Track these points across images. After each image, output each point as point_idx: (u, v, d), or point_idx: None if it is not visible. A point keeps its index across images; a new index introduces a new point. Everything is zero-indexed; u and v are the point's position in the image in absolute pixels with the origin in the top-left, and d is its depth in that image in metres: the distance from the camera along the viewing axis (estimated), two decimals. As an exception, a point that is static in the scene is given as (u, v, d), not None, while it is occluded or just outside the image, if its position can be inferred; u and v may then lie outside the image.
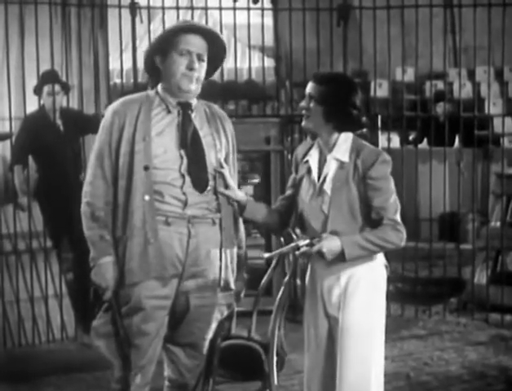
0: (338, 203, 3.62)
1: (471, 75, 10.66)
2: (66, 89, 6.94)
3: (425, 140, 9.50)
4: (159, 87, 3.77)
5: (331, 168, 3.67)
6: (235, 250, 3.83)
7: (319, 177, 3.70)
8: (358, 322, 3.65)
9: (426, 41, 6.98)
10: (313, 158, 3.75)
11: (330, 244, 3.54)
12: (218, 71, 4.04)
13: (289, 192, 3.88)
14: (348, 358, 3.63)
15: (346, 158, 3.65)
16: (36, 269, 6.43)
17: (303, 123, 3.76)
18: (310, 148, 3.80)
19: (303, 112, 3.73)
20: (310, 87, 3.70)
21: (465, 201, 7.59)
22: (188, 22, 3.87)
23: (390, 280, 3.81)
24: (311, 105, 3.68)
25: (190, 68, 3.66)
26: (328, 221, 3.63)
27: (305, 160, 3.78)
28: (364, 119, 3.73)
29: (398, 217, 3.62)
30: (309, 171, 3.75)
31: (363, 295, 3.66)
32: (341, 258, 3.56)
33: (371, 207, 3.61)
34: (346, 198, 3.62)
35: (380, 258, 3.74)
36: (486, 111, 9.94)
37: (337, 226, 3.61)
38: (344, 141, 3.69)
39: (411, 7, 6.99)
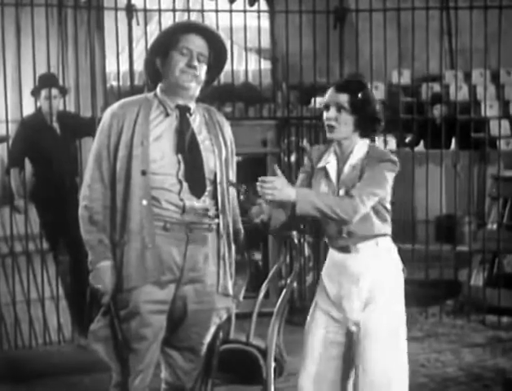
0: None
1: (467, 77, 10.66)
2: (63, 93, 6.94)
3: (422, 142, 9.53)
4: (158, 89, 3.75)
5: (347, 174, 3.68)
6: (233, 255, 3.82)
7: (337, 184, 3.70)
8: (381, 325, 3.67)
9: (423, 44, 6.99)
10: (331, 165, 3.71)
11: (284, 187, 3.46)
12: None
13: None
14: (370, 361, 3.65)
15: (358, 162, 3.65)
16: (32, 271, 6.42)
17: (331, 134, 3.67)
18: (324, 152, 3.78)
19: (332, 122, 3.65)
20: (338, 97, 3.64)
21: (462, 203, 7.60)
22: (188, 21, 3.85)
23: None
24: (341, 115, 3.63)
25: (189, 65, 3.63)
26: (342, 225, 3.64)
27: (320, 166, 3.75)
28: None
29: (365, 198, 3.55)
30: (327, 177, 3.72)
31: (384, 298, 3.69)
32: (290, 207, 3.51)
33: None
34: None
35: (398, 262, 3.78)
36: (482, 113, 9.97)
37: (351, 227, 3.63)
38: (360, 147, 3.68)
39: (407, 10, 6.99)
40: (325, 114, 3.68)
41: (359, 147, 3.68)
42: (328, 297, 3.76)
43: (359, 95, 3.63)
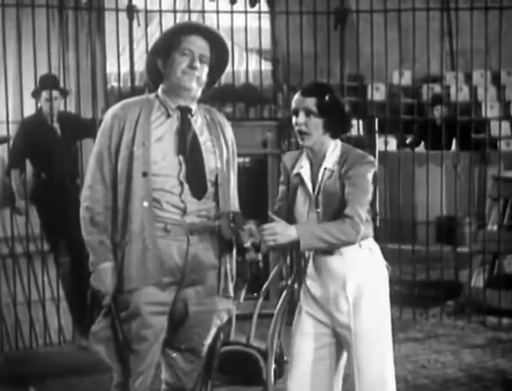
0: (331, 214, 3.62)
1: (468, 78, 10.68)
2: (64, 94, 6.94)
3: (423, 143, 9.52)
4: (159, 90, 3.74)
5: (323, 178, 3.67)
6: (234, 257, 3.82)
7: (313, 189, 3.70)
8: (371, 326, 3.67)
9: (423, 45, 6.99)
10: (305, 170, 3.71)
11: (284, 230, 3.48)
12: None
13: (280, 204, 3.82)
14: (365, 362, 3.65)
15: (334, 166, 3.65)
16: (33, 272, 6.42)
17: (305, 142, 3.65)
18: (297, 158, 3.77)
19: (302, 128, 3.64)
20: (305, 102, 3.63)
21: (462, 204, 7.60)
22: (190, 22, 3.85)
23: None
24: (310, 120, 3.63)
25: (191, 66, 3.63)
26: None
27: (295, 172, 3.74)
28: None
29: (361, 213, 3.57)
30: (302, 183, 3.72)
31: (372, 299, 3.68)
32: (295, 246, 3.52)
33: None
34: (337, 207, 3.60)
35: (381, 261, 3.77)
36: (483, 114, 9.97)
37: None
38: (333, 149, 3.68)
39: (408, 11, 6.99)
40: (294, 120, 3.68)
41: (332, 150, 3.69)
42: (313, 300, 3.74)
43: (327, 98, 3.64)
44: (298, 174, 3.73)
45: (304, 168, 3.72)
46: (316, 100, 3.62)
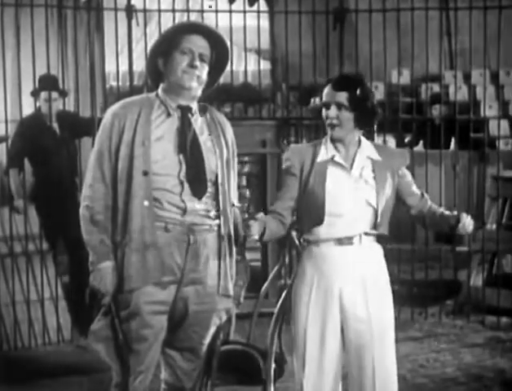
0: (384, 194, 3.70)
1: (467, 78, 10.65)
2: (63, 95, 6.94)
3: (421, 143, 9.52)
4: (159, 89, 3.74)
5: (365, 164, 3.70)
6: (234, 256, 3.81)
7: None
8: (388, 319, 3.73)
9: (422, 44, 7.00)
10: (337, 157, 3.70)
11: None
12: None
13: (290, 195, 3.77)
14: (385, 357, 3.69)
15: (378, 157, 3.73)
16: (32, 271, 6.42)
17: (336, 133, 3.68)
18: (313, 149, 3.76)
19: (334, 121, 3.66)
20: (337, 96, 3.65)
21: (461, 204, 7.60)
22: (190, 22, 3.84)
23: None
24: (342, 113, 3.65)
25: (191, 65, 3.63)
26: (378, 213, 3.68)
27: (325, 159, 3.70)
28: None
29: None
30: (336, 167, 3.70)
31: (385, 291, 3.75)
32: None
33: (410, 193, 3.87)
34: (387, 191, 3.71)
35: None
36: (482, 113, 9.96)
37: (385, 219, 3.72)
38: (364, 140, 3.75)
39: (407, 10, 6.99)
40: (325, 113, 3.69)
41: (363, 139, 3.75)
42: (321, 294, 3.72)
43: (358, 92, 3.65)
44: (328, 161, 3.70)
45: (336, 156, 3.71)
46: (348, 94, 3.64)
